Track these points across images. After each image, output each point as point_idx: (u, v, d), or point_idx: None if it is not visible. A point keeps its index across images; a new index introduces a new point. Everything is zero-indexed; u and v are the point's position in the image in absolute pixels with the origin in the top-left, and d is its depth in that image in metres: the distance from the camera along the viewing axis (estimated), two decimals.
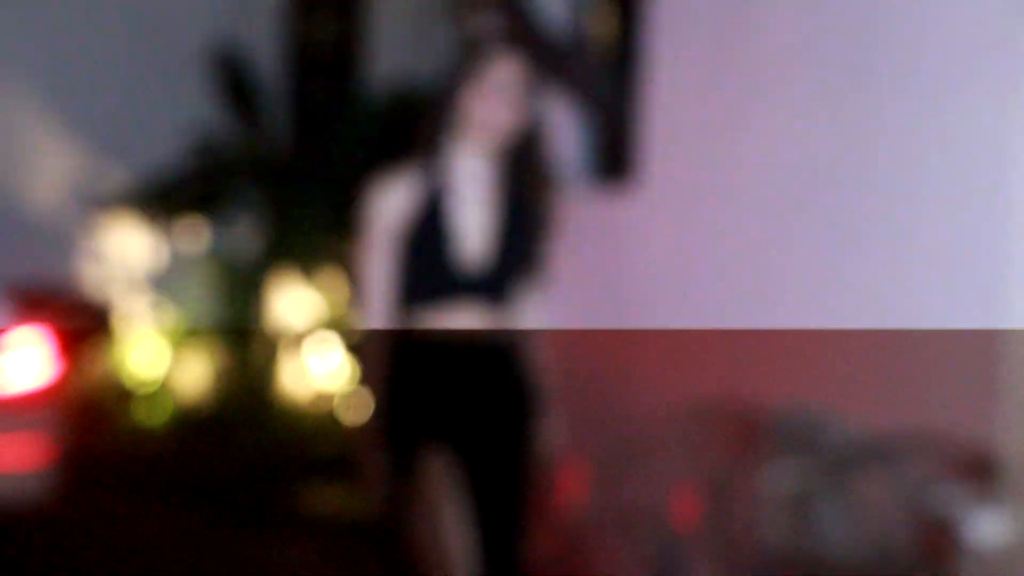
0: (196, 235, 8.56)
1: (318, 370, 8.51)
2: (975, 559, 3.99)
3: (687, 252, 5.68)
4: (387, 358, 3.30)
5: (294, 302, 8.68)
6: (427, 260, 3.26)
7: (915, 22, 4.70)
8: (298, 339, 8.47)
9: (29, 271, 7.91)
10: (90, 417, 8.20)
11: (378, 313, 3.31)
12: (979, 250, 4.33)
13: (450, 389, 3.28)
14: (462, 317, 3.26)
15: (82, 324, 7.99)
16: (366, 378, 3.61)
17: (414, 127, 3.41)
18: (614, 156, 6.04)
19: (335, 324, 8.40)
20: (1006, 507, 4.00)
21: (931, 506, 4.16)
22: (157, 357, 8.73)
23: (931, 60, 4.57)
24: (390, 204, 3.22)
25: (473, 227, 3.27)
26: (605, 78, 6.17)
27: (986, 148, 4.37)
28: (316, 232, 8.15)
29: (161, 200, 8.26)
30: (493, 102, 3.17)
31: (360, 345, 4.03)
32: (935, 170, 4.51)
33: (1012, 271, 4.34)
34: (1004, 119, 4.29)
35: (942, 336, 4.40)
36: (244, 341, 8.38)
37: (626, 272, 5.93)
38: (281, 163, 8.39)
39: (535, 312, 3.53)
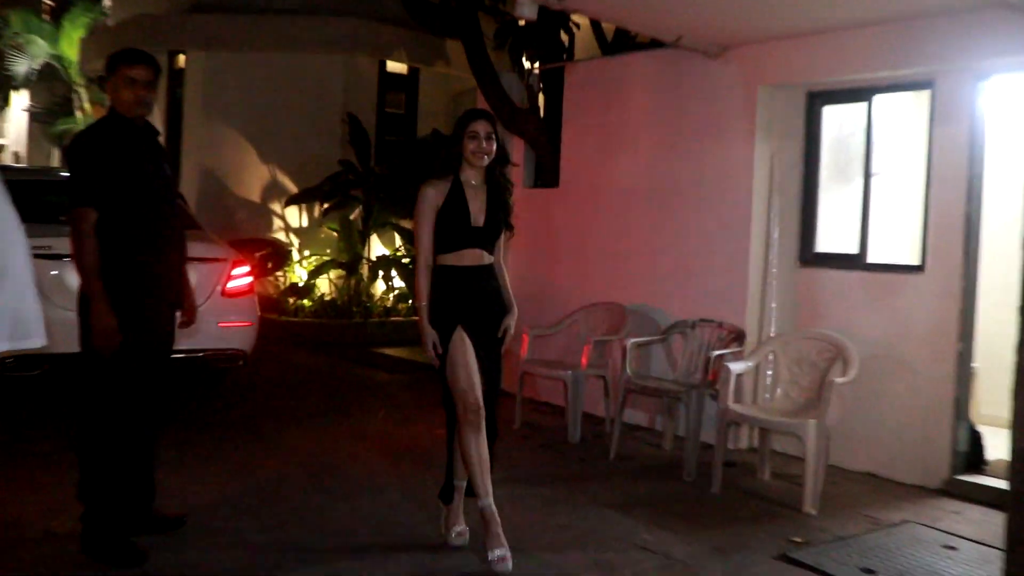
0: (331, 213, 10.90)
1: (391, 282, 10.85)
2: (731, 380, 5.28)
3: (582, 222, 7.37)
4: (433, 276, 3.82)
5: (377, 245, 11.41)
6: (451, 224, 3.83)
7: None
8: (381, 263, 10.77)
9: (242, 232, 10.71)
10: (272, 302, 10.55)
11: (425, 251, 3.83)
12: (726, 241, 6.10)
13: (464, 293, 3.86)
14: (469, 256, 3.88)
15: (268, 255, 10.30)
16: (418, 287, 3.85)
17: (442, 157, 3.93)
18: (549, 175, 7.87)
19: (399, 257, 10.92)
20: (746, 358, 5.58)
21: (709, 355, 5.65)
22: (307, 271, 11.05)
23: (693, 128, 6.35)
24: (431, 195, 3.83)
25: (475, 206, 3.86)
26: (544, 134, 7.76)
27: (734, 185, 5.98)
28: (389, 212, 10.55)
29: (313, 195, 10.68)
30: (477, 145, 3.83)
31: (414, 268, 4.21)
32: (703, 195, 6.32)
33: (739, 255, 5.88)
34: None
35: (713, 272, 6.18)
36: (353, 264, 10.62)
37: (553, 231, 7.57)
38: (373, 175, 10.58)
39: (506, 253, 3.91)
